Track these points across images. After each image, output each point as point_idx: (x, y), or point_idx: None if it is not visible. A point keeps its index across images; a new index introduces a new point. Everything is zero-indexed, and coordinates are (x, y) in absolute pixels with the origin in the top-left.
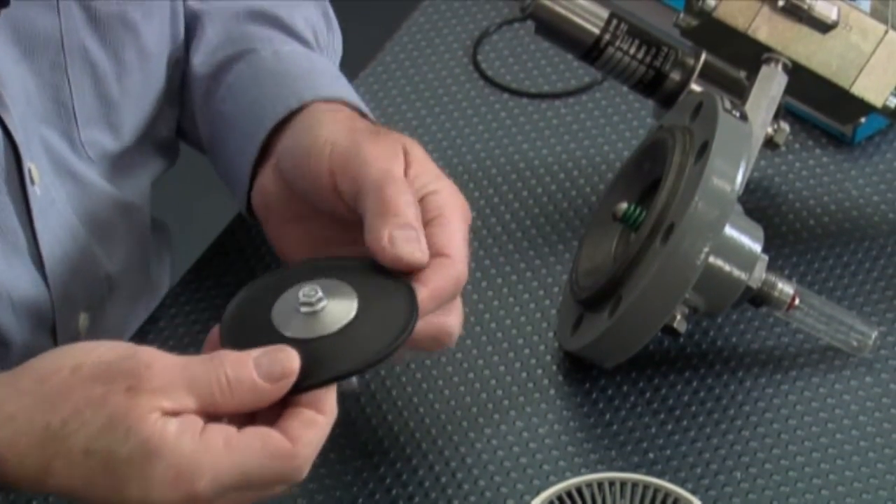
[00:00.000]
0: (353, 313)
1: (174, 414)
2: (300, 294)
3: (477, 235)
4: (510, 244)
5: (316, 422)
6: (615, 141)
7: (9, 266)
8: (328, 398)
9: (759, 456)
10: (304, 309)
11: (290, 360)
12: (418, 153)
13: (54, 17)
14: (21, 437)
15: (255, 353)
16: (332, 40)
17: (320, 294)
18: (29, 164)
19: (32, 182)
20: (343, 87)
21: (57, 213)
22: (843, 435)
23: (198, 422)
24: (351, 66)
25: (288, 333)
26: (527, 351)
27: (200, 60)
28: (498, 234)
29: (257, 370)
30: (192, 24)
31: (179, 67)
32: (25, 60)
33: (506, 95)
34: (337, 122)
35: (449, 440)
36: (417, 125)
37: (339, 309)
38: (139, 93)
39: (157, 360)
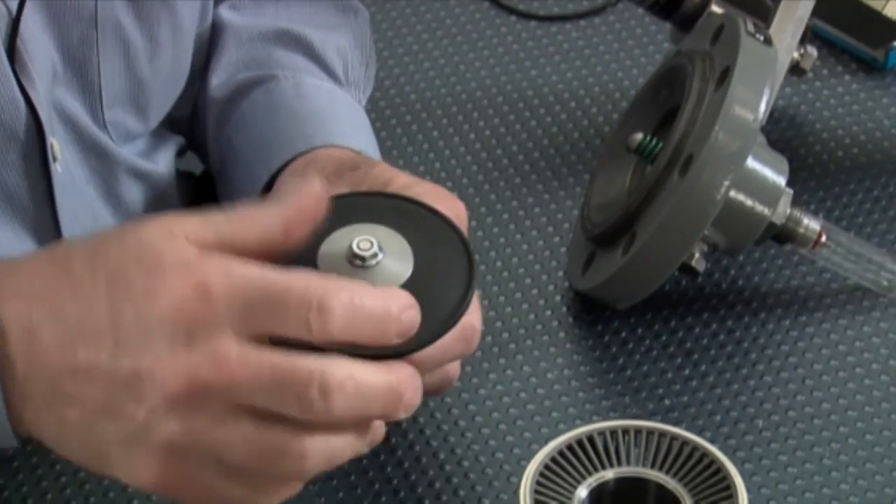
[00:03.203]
0: (407, 274)
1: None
2: (354, 244)
3: (482, 168)
4: (517, 177)
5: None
6: (630, 67)
7: (22, 247)
8: None
9: (781, 403)
10: (356, 262)
11: (312, 182)
12: (384, 177)
13: None
14: (22, 267)
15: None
16: (364, 73)
17: (376, 248)
18: (51, 140)
19: (54, 159)
20: (358, 136)
21: (78, 191)
22: (871, 380)
23: None
24: None
25: None
26: (535, 291)
27: (218, 82)
28: (504, 166)
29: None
30: (217, 37)
31: (203, 46)
32: (53, 29)
33: (513, 18)
34: (309, 170)
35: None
36: (419, 50)
37: (392, 267)
38: (168, 74)
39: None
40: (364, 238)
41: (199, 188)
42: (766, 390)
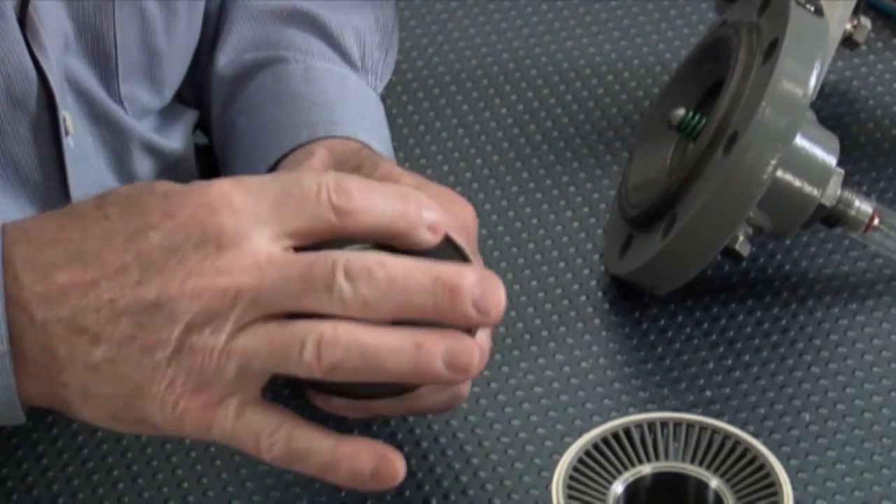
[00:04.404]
0: None
1: None
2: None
3: (514, 145)
4: (551, 155)
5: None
6: (672, 38)
7: None
8: None
9: (830, 395)
10: None
11: None
12: (388, 179)
13: None
14: (30, 220)
15: None
16: (383, 59)
17: None
18: (63, 113)
19: (66, 133)
20: (367, 127)
21: (90, 166)
22: None
23: None
24: None
25: None
26: (569, 276)
27: (226, 61)
28: (537, 143)
29: None
30: (227, 11)
31: (211, 20)
32: None
33: None
34: (308, 164)
35: (480, 375)
36: (448, 19)
37: None
38: (183, 45)
39: None
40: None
41: (215, 160)
42: (813, 382)
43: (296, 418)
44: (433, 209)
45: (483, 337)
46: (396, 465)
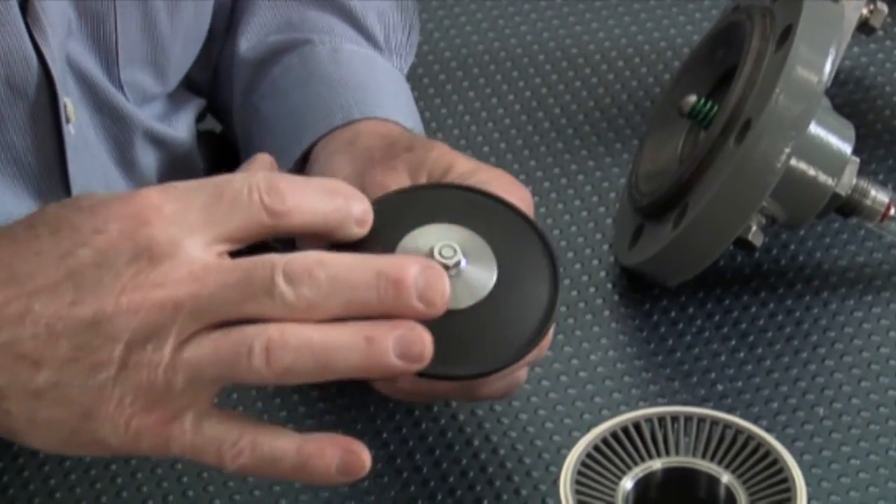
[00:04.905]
0: (491, 283)
1: None
2: (435, 251)
3: (522, 133)
4: (560, 143)
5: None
6: (683, 24)
7: (27, 213)
8: None
9: (844, 389)
10: None
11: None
12: (444, 162)
13: None
14: None
15: None
16: (406, 40)
17: (459, 257)
18: (64, 100)
19: (67, 120)
20: (400, 108)
21: (91, 156)
22: None
23: None
24: None
25: None
26: (578, 266)
27: (249, 45)
28: (546, 130)
29: None
30: None
31: (225, 4)
32: None
33: None
34: (356, 147)
35: None
36: (454, 3)
37: (475, 277)
38: (188, 32)
39: None
40: (445, 244)
41: (221, 148)
42: (827, 376)
43: (256, 424)
44: (361, 201)
45: (521, 372)
46: (362, 457)
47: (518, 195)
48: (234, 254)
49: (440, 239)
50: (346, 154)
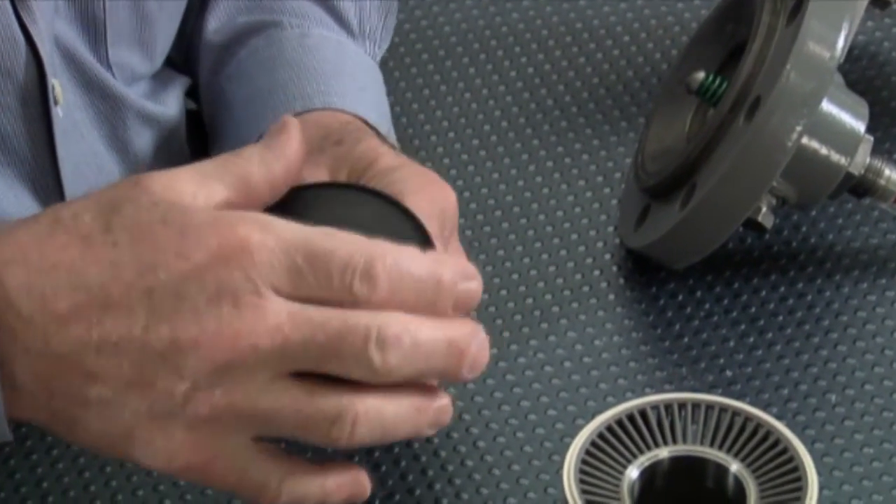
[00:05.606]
0: None
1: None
2: None
3: (524, 110)
4: (563, 121)
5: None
6: None
7: (17, 199)
8: None
9: (857, 375)
10: None
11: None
12: (367, 157)
13: None
14: (23, 233)
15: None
16: (382, 24)
17: None
18: (53, 82)
19: (56, 102)
20: (365, 99)
21: (80, 138)
22: None
23: None
24: None
25: None
26: (581, 248)
27: (216, 26)
28: (549, 108)
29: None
30: None
31: None
32: None
33: None
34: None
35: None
36: None
37: None
38: (174, 8)
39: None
40: None
41: (202, 126)
42: (840, 361)
43: (290, 465)
44: (470, 283)
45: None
46: (366, 485)
47: (435, 195)
48: None
49: None
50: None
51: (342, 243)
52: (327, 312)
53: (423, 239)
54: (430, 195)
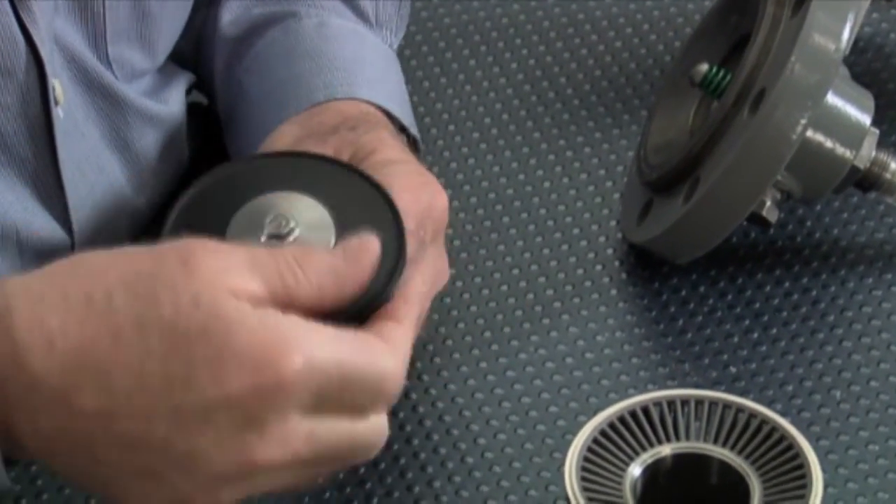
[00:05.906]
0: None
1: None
2: (266, 222)
3: (525, 103)
4: (565, 114)
5: (399, 330)
6: None
7: (18, 200)
8: (402, 308)
9: (862, 372)
10: (271, 241)
11: (368, 237)
12: (370, 146)
13: None
14: (52, 315)
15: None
16: (397, 12)
17: (292, 225)
18: (53, 82)
19: (56, 102)
20: (387, 89)
21: (81, 138)
22: None
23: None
24: None
25: None
26: (584, 243)
27: (231, 18)
28: (550, 101)
29: (329, 252)
30: None
31: None
32: None
33: None
34: (312, 120)
35: (488, 349)
36: None
37: (311, 241)
38: (176, 4)
39: (212, 243)
40: (279, 214)
41: (209, 121)
42: (845, 357)
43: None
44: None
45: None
46: None
47: (423, 194)
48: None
49: (278, 210)
50: (300, 124)
51: (374, 370)
52: (338, 430)
53: (397, 233)
54: (416, 194)
